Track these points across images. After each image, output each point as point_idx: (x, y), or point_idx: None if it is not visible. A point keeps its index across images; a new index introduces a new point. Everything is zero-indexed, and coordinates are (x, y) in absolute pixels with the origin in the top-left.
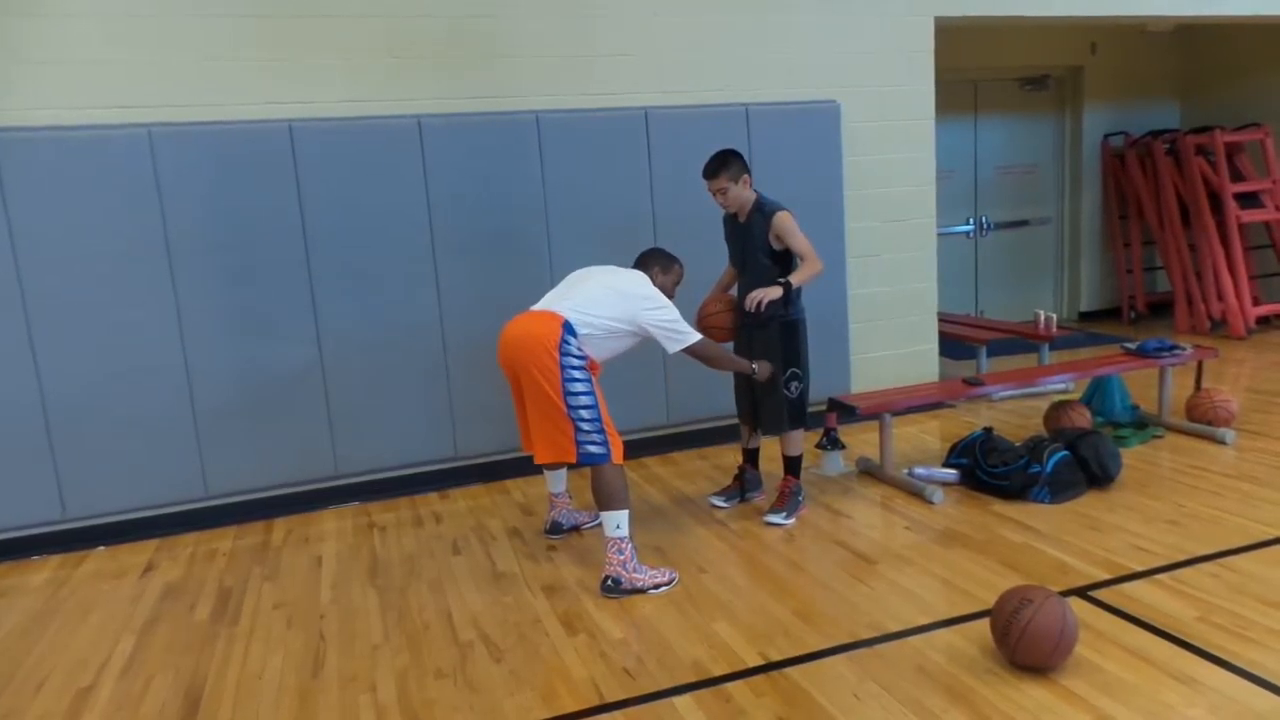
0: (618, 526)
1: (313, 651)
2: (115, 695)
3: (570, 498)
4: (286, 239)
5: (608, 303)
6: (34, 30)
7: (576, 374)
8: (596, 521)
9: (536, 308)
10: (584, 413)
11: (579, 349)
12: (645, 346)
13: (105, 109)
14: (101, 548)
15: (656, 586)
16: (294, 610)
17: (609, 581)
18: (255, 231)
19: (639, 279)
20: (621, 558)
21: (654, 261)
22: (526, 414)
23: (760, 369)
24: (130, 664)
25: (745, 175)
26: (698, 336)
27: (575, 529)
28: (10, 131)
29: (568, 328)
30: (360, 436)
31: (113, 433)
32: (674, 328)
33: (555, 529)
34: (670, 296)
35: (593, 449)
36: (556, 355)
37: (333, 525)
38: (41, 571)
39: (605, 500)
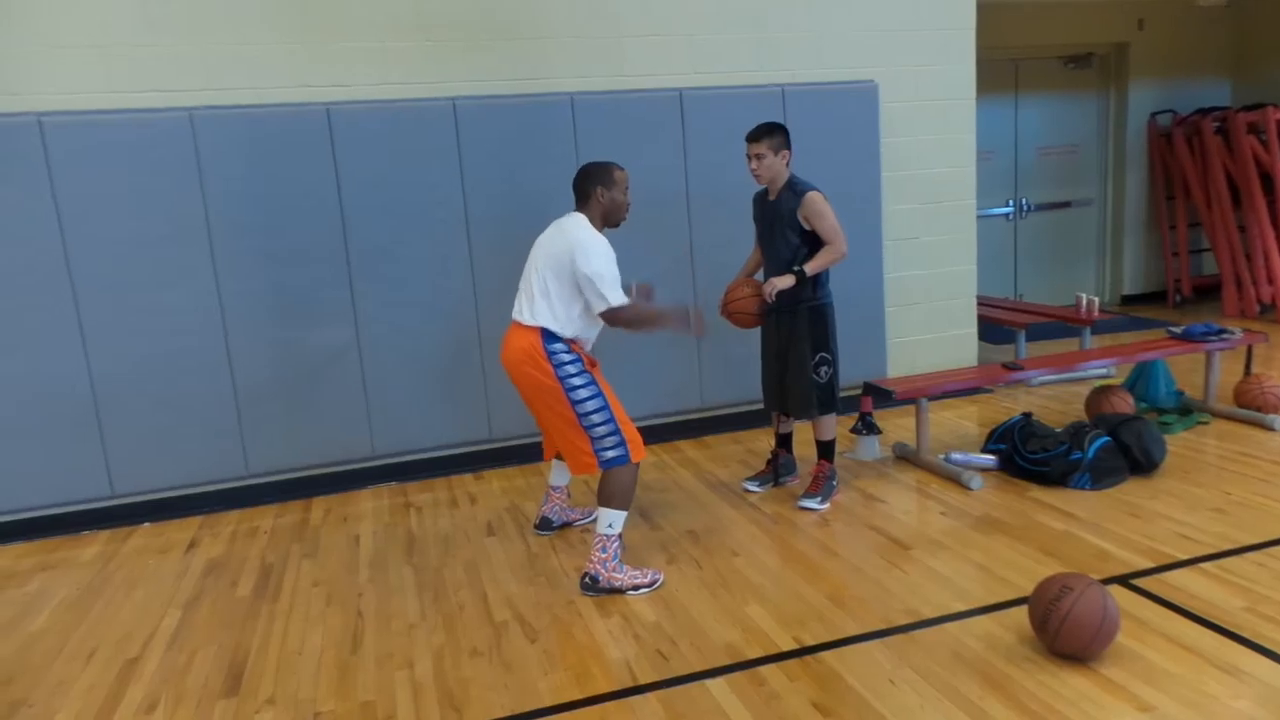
0: (610, 525)
1: (351, 628)
2: (161, 667)
3: (569, 495)
4: (324, 221)
5: (556, 279)
6: (77, 15)
7: (575, 380)
8: (589, 518)
9: (514, 314)
10: (595, 417)
11: (567, 349)
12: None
13: (147, 93)
14: (147, 524)
15: (636, 588)
16: (333, 588)
17: (587, 579)
18: (293, 214)
19: (572, 228)
20: (604, 555)
21: (594, 181)
22: (546, 429)
23: (694, 321)
24: (175, 637)
25: (785, 151)
26: (623, 300)
27: (566, 525)
28: (56, 116)
29: (546, 335)
30: (397, 417)
31: (157, 412)
32: (599, 284)
33: (545, 525)
34: (625, 206)
35: (610, 454)
36: (548, 366)
37: (370, 505)
38: (91, 546)
39: (607, 497)
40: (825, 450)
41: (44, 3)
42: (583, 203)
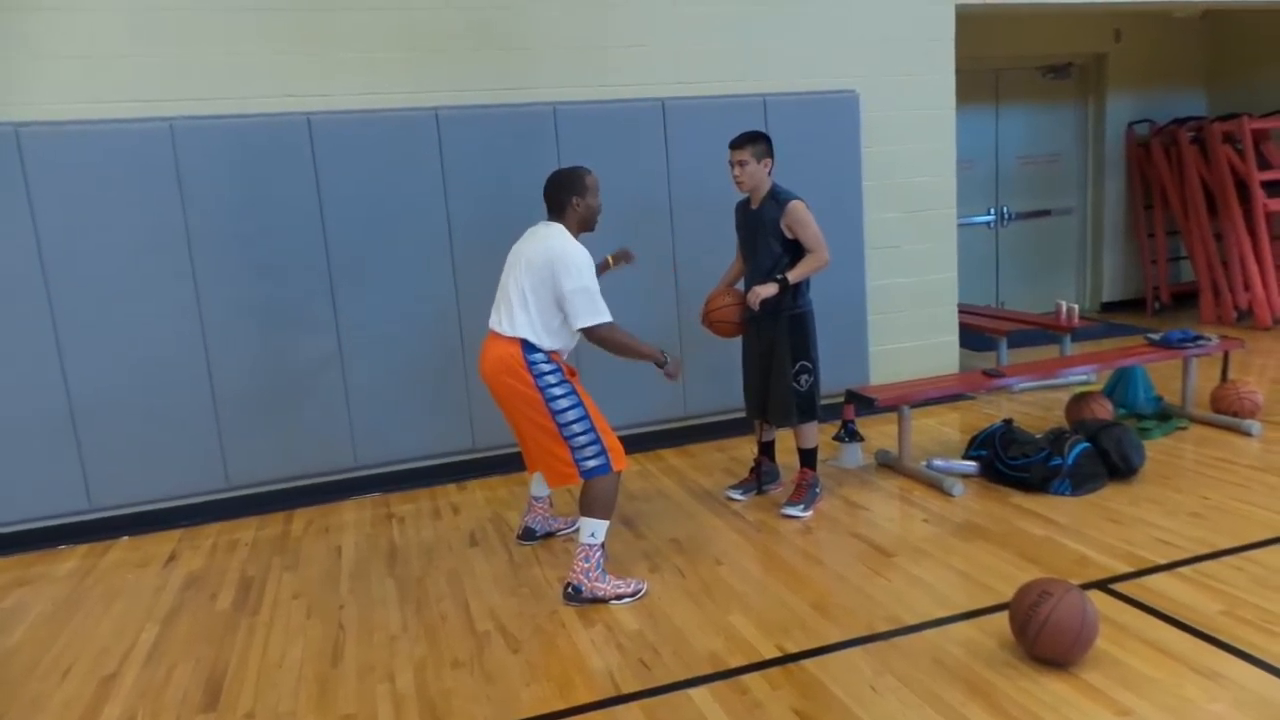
0: (592, 534)
1: (332, 641)
2: (138, 683)
3: (551, 505)
4: (305, 231)
5: (536, 291)
6: (57, 25)
7: (556, 390)
8: (573, 528)
9: (492, 323)
10: (575, 426)
11: (547, 359)
12: (660, 341)
13: (128, 103)
14: (125, 538)
15: (619, 598)
16: (313, 600)
17: (569, 589)
18: (275, 223)
19: (552, 239)
20: (586, 565)
21: (568, 190)
22: (523, 440)
23: (672, 364)
24: (153, 652)
25: (768, 159)
26: (607, 318)
27: (549, 535)
28: (34, 126)
29: (525, 346)
30: (379, 428)
31: (136, 424)
32: (582, 301)
33: (528, 535)
34: (599, 210)
35: (591, 464)
36: (529, 376)
37: (352, 516)
38: (68, 561)
39: (589, 506)
40: (807, 458)
41: (25, 14)
42: (557, 212)
